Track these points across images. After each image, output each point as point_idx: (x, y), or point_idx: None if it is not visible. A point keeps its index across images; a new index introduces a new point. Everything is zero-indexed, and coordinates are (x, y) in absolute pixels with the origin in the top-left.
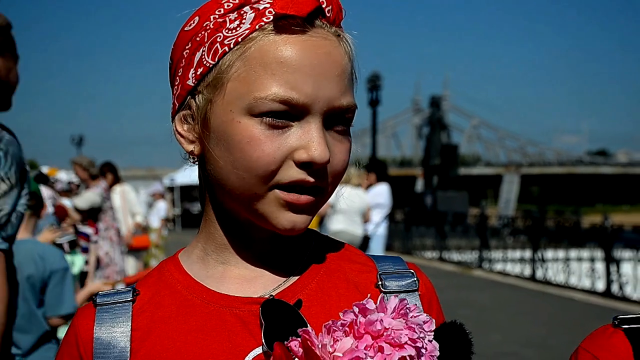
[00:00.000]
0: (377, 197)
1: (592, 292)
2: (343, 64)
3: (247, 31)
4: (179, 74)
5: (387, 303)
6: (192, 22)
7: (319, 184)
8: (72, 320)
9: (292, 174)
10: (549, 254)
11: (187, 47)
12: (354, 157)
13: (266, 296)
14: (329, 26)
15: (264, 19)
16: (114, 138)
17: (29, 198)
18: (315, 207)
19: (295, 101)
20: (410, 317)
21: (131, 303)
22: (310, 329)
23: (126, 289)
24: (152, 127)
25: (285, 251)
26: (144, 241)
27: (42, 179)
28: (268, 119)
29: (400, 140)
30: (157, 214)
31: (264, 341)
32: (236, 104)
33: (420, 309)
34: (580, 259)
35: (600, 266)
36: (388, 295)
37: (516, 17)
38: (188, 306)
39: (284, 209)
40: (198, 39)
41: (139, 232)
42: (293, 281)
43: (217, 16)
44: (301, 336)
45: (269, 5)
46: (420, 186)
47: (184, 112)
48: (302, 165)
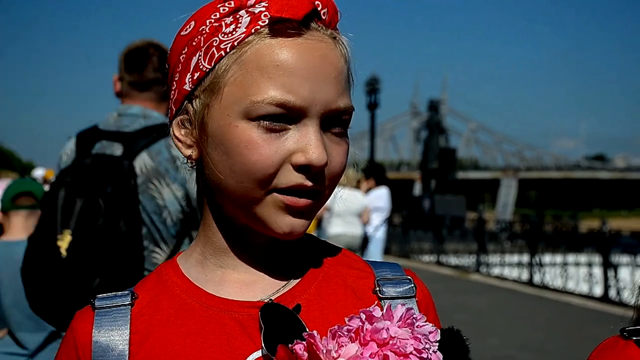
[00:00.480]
0: (377, 201)
1: (589, 297)
2: (339, 66)
3: (242, 35)
4: (175, 79)
5: (393, 311)
6: (188, 26)
7: (317, 188)
8: (70, 324)
9: (290, 178)
10: (547, 258)
11: (183, 52)
12: (352, 159)
13: (265, 300)
14: (324, 28)
15: (260, 22)
16: None
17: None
18: (314, 210)
19: (292, 104)
20: (416, 326)
21: (130, 306)
22: (315, 333)
23: (124, 292)
24: None
25: (284, 256)
26: None
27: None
28: (265, 122)
29: (398, 144)
30: None
31: (263, 345)
32: (233, 108)
33: (424, 318)
34: (577, 264)
35: (597, 271)
36: (394, 302)
37: (515, 17)
38: (187, 310)
39: (282, 212)
40: (194, 43)
41: None
42: (292, 286)
43: (212, 20)
44: (306, 340)
45: (264, 8)
46: (418, 190)
47: (181, 116)
48: (300, 168)
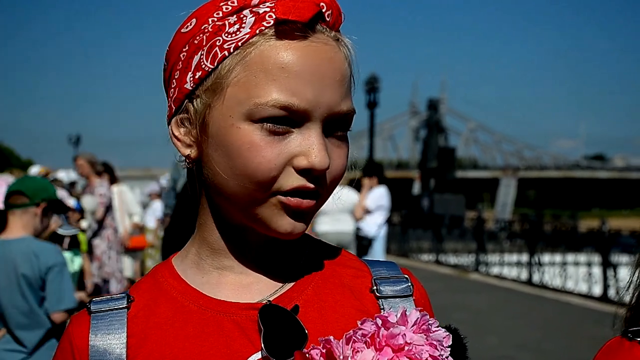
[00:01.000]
0: (380, 200)
1: (589, 296)
2: (343, 69)
3: (247, 35)
4: (175, 77)
5: (408, 316)
6: (189, 24)
7: (318, 189)
8: (66, 328)
9: (292, 180)
10: (546, 258)
11: (184, 50)
12: (351, 160)
13: (263, 302)
14: (328, 30)
15: (265, 23)
16: (110, 138)
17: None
18: (314, 211)
19: (296, 107)
20: (431, 332)
21: (126, 310)
22: (332, 338)
23: (120, 294)
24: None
25: (281, 256)
26: (140, 241)
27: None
28: (268, 124)
29: (396, 143)
30: (153, 214)
31: (263, 347)
32: (236, 109)
33: (437, 323)
34: (577, 264)
35: (597, 271)
36: (392, 301)
37: (515, 17)
38: (185, 312)
39: (284, 213)
40: (196, 42)
41: (136, 233)
42: (289, 287)
43: (215, 19)
44: (324, 345)
45: (269, 9)
46: (417, 189)
47: (180, 115)
48: (302, 171)
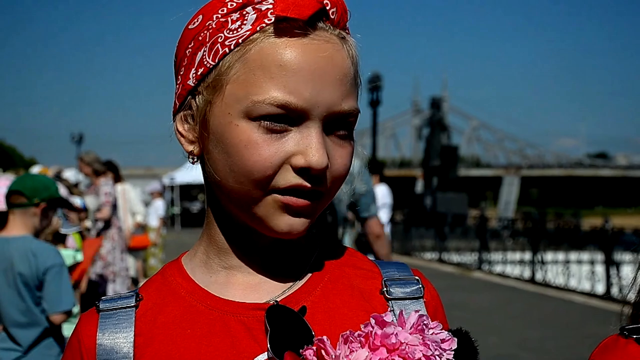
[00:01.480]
0: (383, 198)
1: (591, 294)
2: (345, 67)
3: (247, 32)
4: (181, 73)
5: (406, 317)
6: (195, 20)
7: (318, 189)
8: (75, 327)
9: (289, 178)
10: (549, 256)
11: (189, 46)
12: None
13: (271, 302)
14: (332, 28)
15: (266, 20)
16: (113, 136)
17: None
18: (315, 211)
19: (294, 106)
20: (431, 333)
21: (134, 308)
22: (325, 338)
23: (129, 293)
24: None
25: (289, 256)
26: (143, 240)
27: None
28: (266, 122)
29: (399, 141)
30: (156, 212)
31: (269, 347)
32: (234, 106)
33: (440, 326)
34: (580, 262)
35: (600, 269)
36: (402, 303)
37: (517, 17)
38: (192, 312)
39: (281, 211)
40: (200, 38)
41: (139, 232)
42: (297, 287)
43: (219, 15)
44: (316, 345)
45: (271, 6)
46: (419, 187)
47: (184, 111)
48: (300, 170)
